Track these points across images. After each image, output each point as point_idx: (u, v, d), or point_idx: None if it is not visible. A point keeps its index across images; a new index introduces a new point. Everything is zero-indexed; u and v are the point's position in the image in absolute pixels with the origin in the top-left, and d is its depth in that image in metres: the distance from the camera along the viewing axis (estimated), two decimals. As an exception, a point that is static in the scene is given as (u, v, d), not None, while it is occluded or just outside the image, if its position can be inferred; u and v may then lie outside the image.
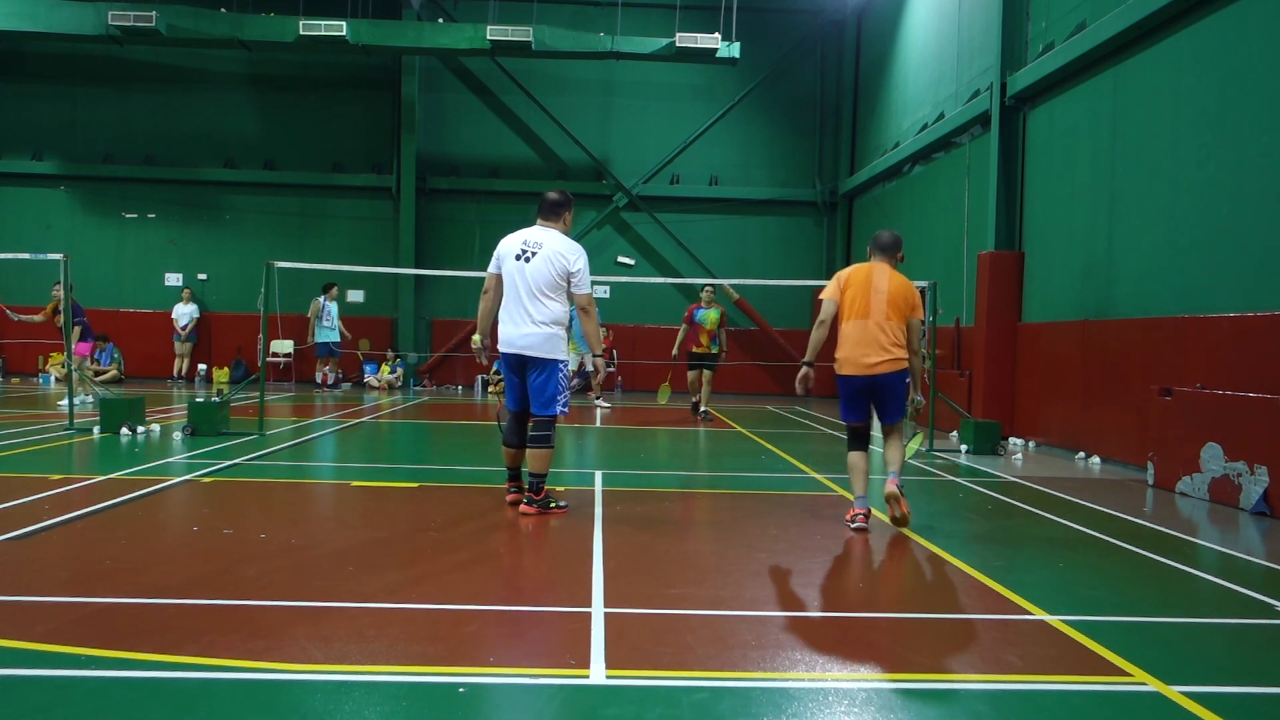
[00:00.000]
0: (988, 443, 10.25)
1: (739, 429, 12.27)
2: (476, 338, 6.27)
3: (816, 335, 6.01)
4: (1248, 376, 7.46)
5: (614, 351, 18.82)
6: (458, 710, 2.97)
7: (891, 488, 5.79)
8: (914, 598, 4.32)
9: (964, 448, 10.29)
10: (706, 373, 13.23)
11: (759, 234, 20.18)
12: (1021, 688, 3.26)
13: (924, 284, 11.92)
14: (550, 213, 6.13)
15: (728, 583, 4.55)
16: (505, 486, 6.35)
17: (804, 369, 6.04)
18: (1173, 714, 3.06)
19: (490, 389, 18.07)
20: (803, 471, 8.34)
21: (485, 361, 6.38)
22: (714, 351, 13.16)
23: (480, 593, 4.30)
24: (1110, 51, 9.92)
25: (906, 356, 5.86)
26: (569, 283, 5.99)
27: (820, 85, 20.11)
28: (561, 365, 6.03)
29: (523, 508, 6.05)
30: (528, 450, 6.03)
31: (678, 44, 16.98)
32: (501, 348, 6.03)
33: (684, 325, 13.34)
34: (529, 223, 6.22)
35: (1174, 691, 3.22)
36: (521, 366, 6.02)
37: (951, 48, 14.17)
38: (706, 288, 13.39)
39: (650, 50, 17.46)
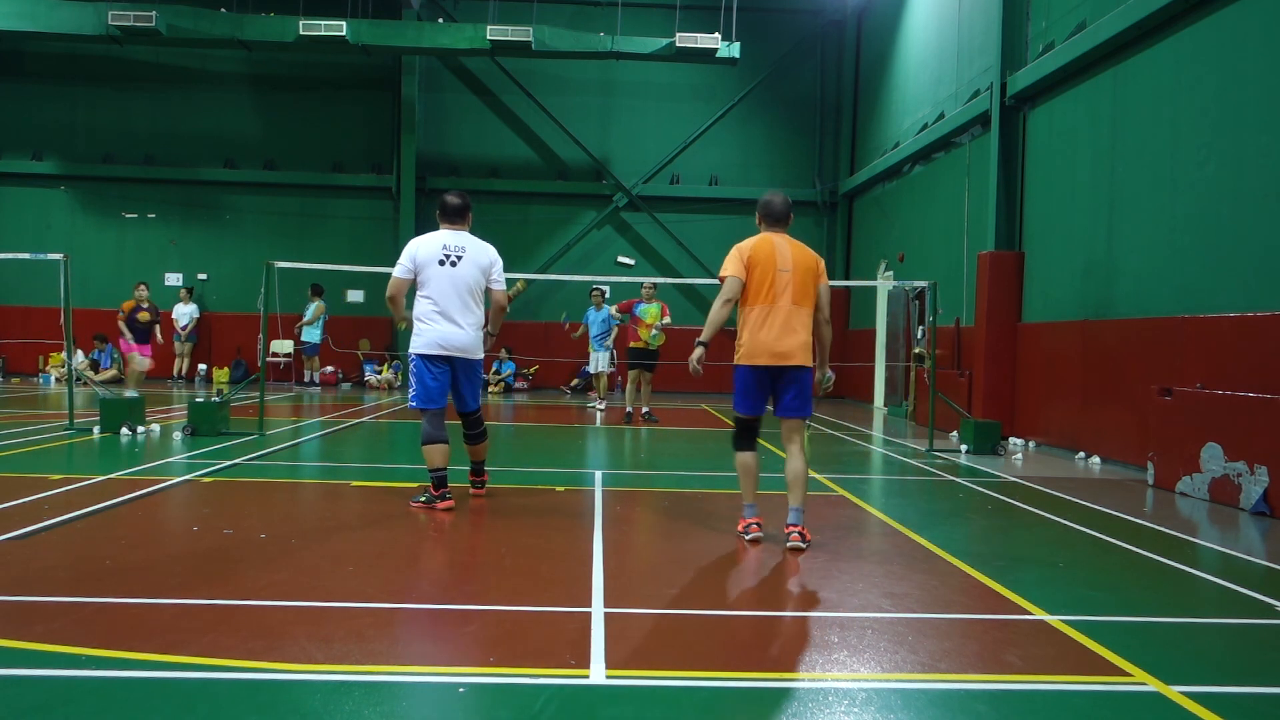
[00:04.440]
0: (988, 443, 10.25)
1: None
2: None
3: (720, 314, 5.31)
4: (1248, 376, 7.46)
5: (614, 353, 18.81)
6: (458, 710, 2.97)
7: (796, 542, 5.20)
8: (914, 598, 4.32)
9: (964, 448, 10.29)
10: (646, 374, 12.95)
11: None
12: (1021, 688, 3.26)
13: (924, 284, 11.95)
14: (459, 216, 6.31)
15: (728, 583, 4.55)
16: (431, 494, 6.13)
17: (699, 349, 5.37)
18: (1173, 714, 3.06)
19: (491, 389, 18.08)
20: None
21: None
22: (654, 348, 12.87)
23: (480, 593, 4.30)
24: (1110, 51, 9.92)
25: (811, 343, 5.44)
26: (488, 281, 6.30)
27: (820, 85, 20.12)
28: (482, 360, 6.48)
29: (475, 491, 6.55)
30: (475, 445, 6.51)
31: (678, 44, 16.99)
32: (434, 350, 6.13)
33: (622, 315, 13.11)
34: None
35: (1174, 691, 3.22)
36: (453, 366, 6.24)
37: (951, 48, 14.17)
38: (647, 283, 13.24)
39: (650, 50, 17.47)
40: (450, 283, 6.11)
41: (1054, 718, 3.03)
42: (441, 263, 6.12)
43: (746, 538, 5.42)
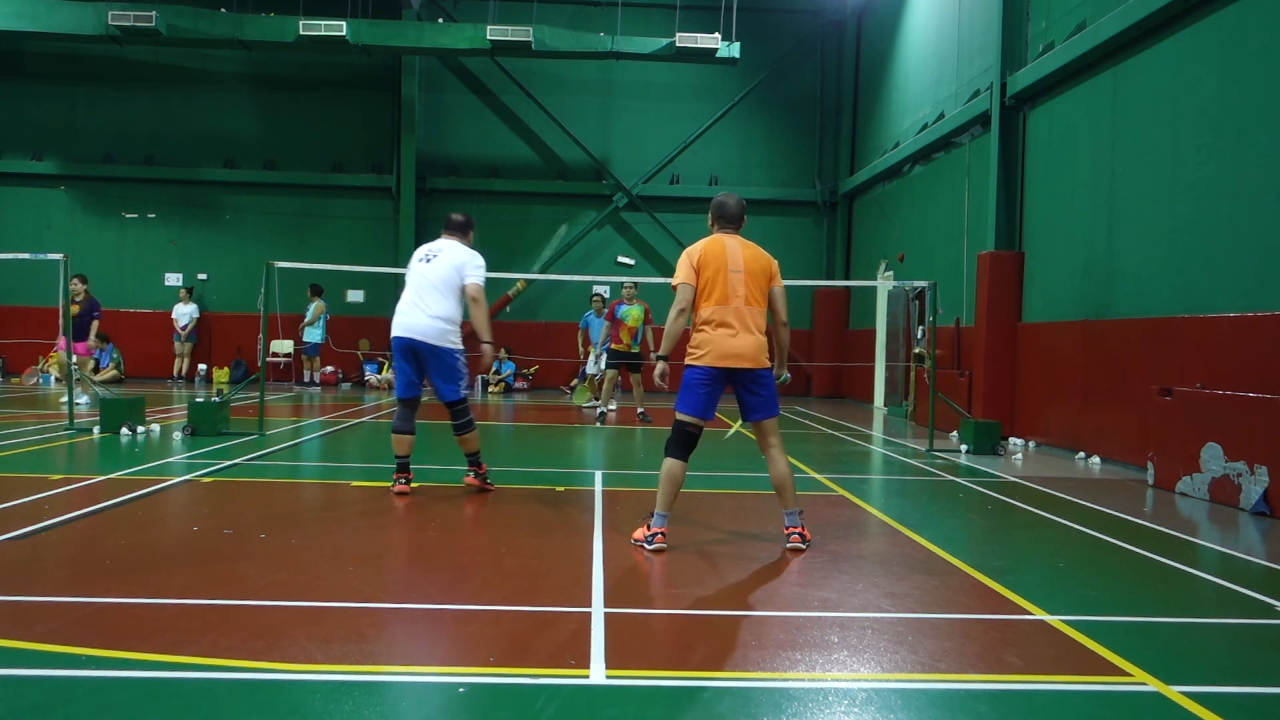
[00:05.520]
0: (988, 443, 10.25)
1: (738, 428, 12.27)
2: None
3: (676, 325, 5.28)
4: (1248, 376, 7.46)
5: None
6: (458, 710, 2.97)
7: (796, 543, 5.22)
8: (914, 598, 4.32)
9: (964, 448, 10.29)
10: (634, 375, 13.05)
11: (759, 234, 19.88)
12: (1021, 688, 3.26)
13: (924, 284, 11.95)
14: (457, 230, 6.81)
15: (728, 583, 4.55)
16: (394, 479, 6.58)
17: (660, 364, 5.32)
18: (1173, 714, 3.06)
19: (490, 388, 18.08)
20: (802, 471, 8.33)
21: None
22: (634, 350, 12.92)
23: (480, 593, 4.30)
24: (1110, 51, 9.92)
25: (767, 343, 5.35)
26: (461, 276, 6.50)
27: (820, 85, 20.11)
28: (457, 354, 6.55)
29: (468, 480, 6.75)
30: (459, 437, 6.67)
31: (678, 44, 16.98)
32: (396, 333, 6.48)
33: (606, 322, 13.22)
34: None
35: (1174, 691, 3.22)
36: (414, 354, 6.48)
37: (951, 48, 14.17)
38: (628, 284, 13.27)
39: (650, 50, 17.46)
40: (421, 276, 6.52)
41: (1054, 718, 3.03)
42: (420, 260, 6.62)
43: (648, 548, 5.10)
